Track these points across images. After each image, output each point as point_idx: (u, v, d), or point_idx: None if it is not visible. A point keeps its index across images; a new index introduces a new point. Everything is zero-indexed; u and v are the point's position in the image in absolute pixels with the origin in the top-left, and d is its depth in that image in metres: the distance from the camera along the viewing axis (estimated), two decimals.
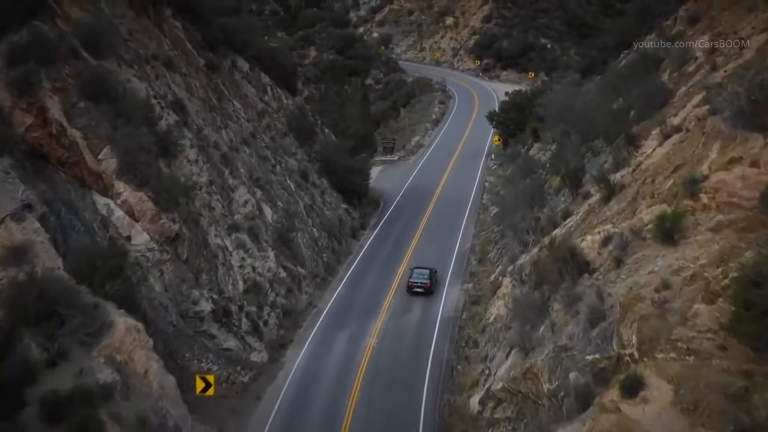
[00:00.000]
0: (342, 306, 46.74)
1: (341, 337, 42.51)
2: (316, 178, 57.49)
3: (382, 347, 41.38)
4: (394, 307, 46.68)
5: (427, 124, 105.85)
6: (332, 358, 40.10)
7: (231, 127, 49.53)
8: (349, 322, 44.41)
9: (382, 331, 43.31)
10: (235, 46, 57.05)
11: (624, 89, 50.72)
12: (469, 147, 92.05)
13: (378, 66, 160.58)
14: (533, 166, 60.52)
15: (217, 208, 41.80)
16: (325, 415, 35.20)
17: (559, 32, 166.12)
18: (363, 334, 42.79)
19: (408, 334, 43.13)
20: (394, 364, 39.51)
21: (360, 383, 37.78)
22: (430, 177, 77.63)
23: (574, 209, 42.37)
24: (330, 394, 37.02)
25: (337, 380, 38.08)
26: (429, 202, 68.41)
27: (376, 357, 40.23)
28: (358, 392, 37.01)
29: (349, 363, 39.58)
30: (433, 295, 48.38)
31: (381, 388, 37.49)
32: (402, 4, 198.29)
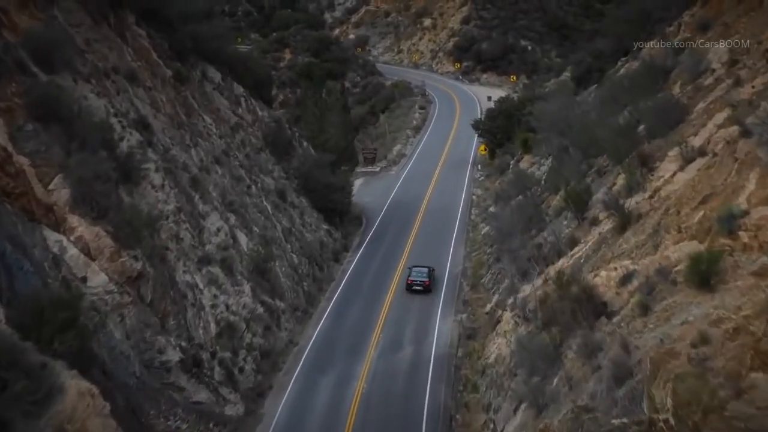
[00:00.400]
0: (326, 342, 42.50)
1: (326, 381, 38.24)
2: (295, 197, 53.25)
3: (372, 392, 37.18)
4: (383, 342, 42.49)
5: (408, 131, 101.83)
6: (316, 408, 35.82)
7: (201, 145, 45.18)
8: (334, 363, 40.15)
9: (371, 372, 39.08)
10: (205, 55, 52.69)
11: (628, 101, 46.98)
12: (453, 156, 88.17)
13: (355, 69, 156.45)
14: (527, 181, 56.68)
15: (186, 239, 37.46)
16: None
17: (540, 34, 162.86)
18: (350, 376, 38.55)
19: (400, 375, 38.96)
20: (386, 415, 35.31)
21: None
22: (414, 190, 73.64)
23: (581, 237, 38.48)
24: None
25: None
26: (414, 218, 64.38)
27: (366, 405, 36.02)
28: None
29: (335, 413, 35.34)
30: (426, 329, 44.33)
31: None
32: (378, 5, 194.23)
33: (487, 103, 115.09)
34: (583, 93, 59.63)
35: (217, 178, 44.30)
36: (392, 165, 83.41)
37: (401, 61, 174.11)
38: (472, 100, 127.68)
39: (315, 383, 37.99)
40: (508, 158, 73.48)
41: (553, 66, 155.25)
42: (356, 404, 36.10)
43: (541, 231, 45.76)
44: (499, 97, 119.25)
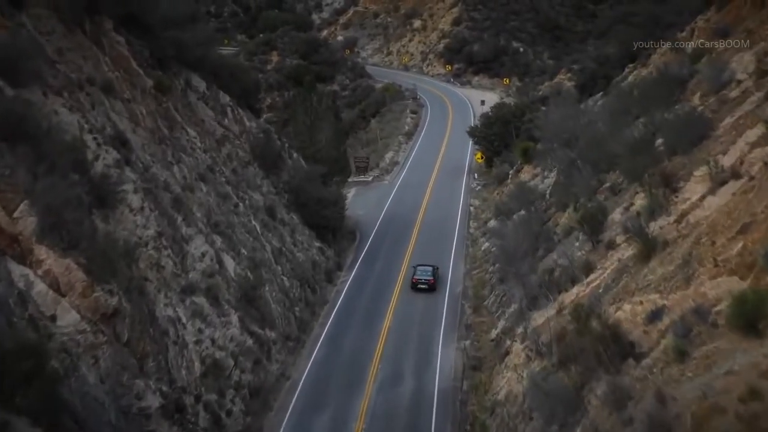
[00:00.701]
0: (320, 375, 39.27)
1: (320, 421, 35.01)
2: (285, 214, 50.06)
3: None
4: (382, 374, 39.30)
5: (401, 137, 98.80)
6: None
7: (185, 161, 41.93)
8: (330, 399, 36.94)
9: (370, 409, 35.90)
10: (189, 62, 49.41)
11: (641, 112, 44.09)
12: (447, 163, 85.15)
13: (344, 71, 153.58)
14: (530, 195, 53.73)
15: (167, 267, 34.24)
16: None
17: (532, 35, 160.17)
18: (347, 416, 35.33)
19: (402, 414, 35.78)
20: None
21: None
22: (409, 201, 70.57)
23: (597, 262, 35.50)
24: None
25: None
26: (410, 232, 61.27)
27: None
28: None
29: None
30: (428, 357, 41.20)
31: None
32: (367, 5, 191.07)
33: (481, 108, 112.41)
34: (588, 101, 56.76)
35: (202, 196, 41.07)
36: (385, 173, 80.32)
37: (391, 63, 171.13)
38: (464, 103, 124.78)
39: (309, 424, 34.82)
40: (507, 168, 70.52)
41: (546, 68, 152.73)
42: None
43: (550, 252, 42.80)
44: (495, 103, 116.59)
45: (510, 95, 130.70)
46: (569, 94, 65.39)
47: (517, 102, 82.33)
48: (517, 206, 54.60)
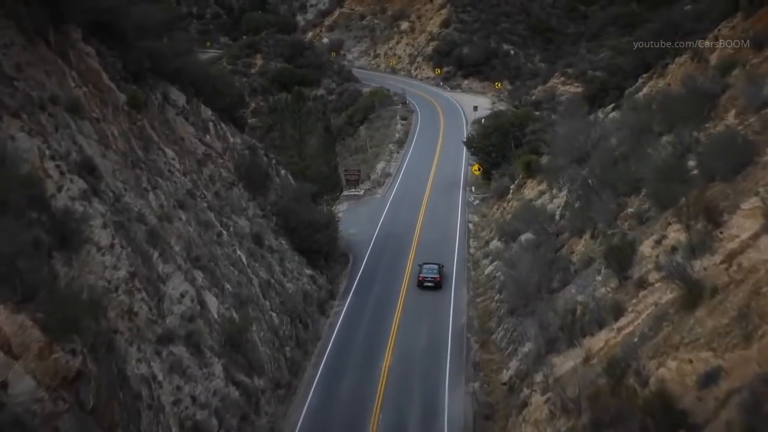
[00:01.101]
0: (313, 428, 35.12)
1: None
2: (273, 239, 45.80)
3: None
4: (384, 426, 35.18)
5: (391, 146, 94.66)
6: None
7: (162, 186, 37.62)
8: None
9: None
10: (166, 74, 45.10)
11: (664, 129, 40.18)
12: (442, 174, 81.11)
13: (330, 75, 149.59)
14: (538, 215, 49.74)
15: (141, 314, 29.96)
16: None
17: (523, 38, 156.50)
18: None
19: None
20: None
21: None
22: (403, 217, 66.48)
23: (627, 302, 31.49)
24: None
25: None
26: (407, 254, 57.19)
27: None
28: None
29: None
30: (434, 404, 37.05)
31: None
32: (353, 7, 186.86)
33: (473, 113, 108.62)
34: (598, 113, 52.93)
35: (181, 226, 36.77)
36: (377, 186, 76.18)
37: (378, 66, 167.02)
38: (455, 109, 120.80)
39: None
40: (507, 181, 66.52)
41: (537, 71, 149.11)
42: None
43: (566, 284, 38.79)
44: (490, 111, 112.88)
45: (502, 100, 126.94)
46: (576, 104, 61.20)
47: (517, 111, 78.18)
48: (523, 227, 50.64)
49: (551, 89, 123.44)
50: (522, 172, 61.06)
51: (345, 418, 35.69)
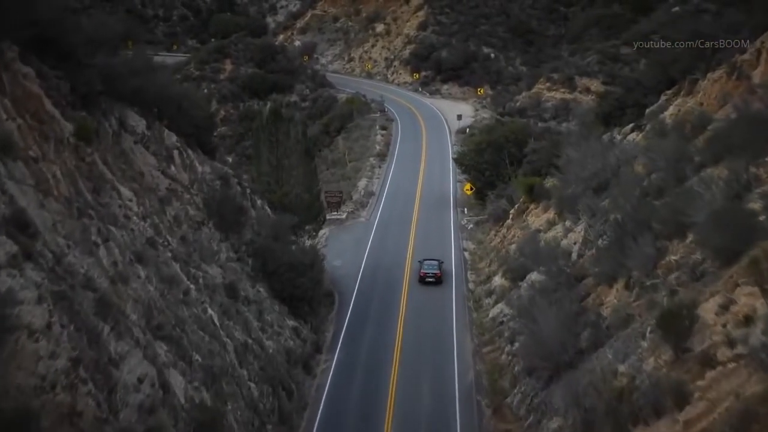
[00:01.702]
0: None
1: None
2: (250, 287, 39.37)
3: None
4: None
5: (372, 159, 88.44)
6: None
7: (116, 237, 31.06)
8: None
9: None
10: (123, 96, 38.50)
11: (709, 161, 34.37)
12: (429, 192, 75.08)
13: (303, 80, 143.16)
14: (550, 251, 43.76)
15: (87, 414, 23.46)
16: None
17: (503, 40, 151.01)
18: None
19: None
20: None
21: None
22: (391, 244, 60.38)
23: (691, 385, 25.56)
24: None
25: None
26: (399, 290, 51.09)
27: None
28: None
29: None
30: None
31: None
32: (326, 8, 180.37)
33: (457, 123, 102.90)
34: (614, 134, 47.18)
35: (140, 287, 30.24)
36: (360, 208, 69.96)
37: (353, 70, 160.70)
38: (436, 117, 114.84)
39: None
40: (505, 204, 60.57)
41: (519, 75, 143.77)
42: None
43: (599, 346, 32.80)
44: (475, 119, 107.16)
45: (485, 106, 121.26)
46: (586, 120, 54.88)
47: (511, 124, 71.90)
48: (532, 263, 44.69)
49: (536, 95, 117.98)
50: (524, 195, 55.13)
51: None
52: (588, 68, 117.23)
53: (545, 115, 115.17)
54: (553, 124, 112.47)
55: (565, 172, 46.44)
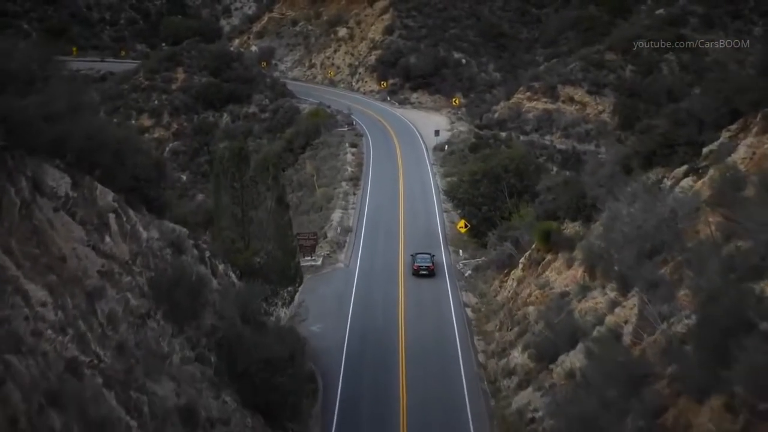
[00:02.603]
0: None
1: None
2: (213, 400, 29.65)
3: None
4: None
5: (345, 184, 78.87)
6: None
7: (17, 370, 21.28)
8: None
9: None
10: (39, 148, 28.52)
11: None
12: (413, 225, 65.66)
13: (262, 90, 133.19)
14: (589, 327, 34.79)
15: None
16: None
17: (474, 45, 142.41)
18: None
19: None
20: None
21: None
22: (378, 299, 50.98)
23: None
24: None
25: None
26: (395, 368, 41.60)
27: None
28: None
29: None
30: None
31: None
32: (284, 11, 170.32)
33: (435, 138, 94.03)
34: (660, 177, 38.34)
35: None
36: (337, 249, 60.27)
37: (314, 78, 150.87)
38: (409, 131, 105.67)
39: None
40: (510, 248, 51.50)
41: (492, 81, 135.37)
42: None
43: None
44: (452, 132, 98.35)
45: (461, 118, 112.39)
46: (618, 154, 45.39)
47: (510, 151, 62.31)
48: (564, 343, 35.78)
49: (516, 105, 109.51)
50: (538, 242, 46.06)
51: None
52: (571, 76, 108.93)
53: (526, 127, 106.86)
54: (536, 137, 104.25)
55: (602, 225, 37.50)
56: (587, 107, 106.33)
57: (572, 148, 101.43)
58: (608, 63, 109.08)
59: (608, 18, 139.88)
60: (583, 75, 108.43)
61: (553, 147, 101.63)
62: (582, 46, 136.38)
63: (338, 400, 38.72)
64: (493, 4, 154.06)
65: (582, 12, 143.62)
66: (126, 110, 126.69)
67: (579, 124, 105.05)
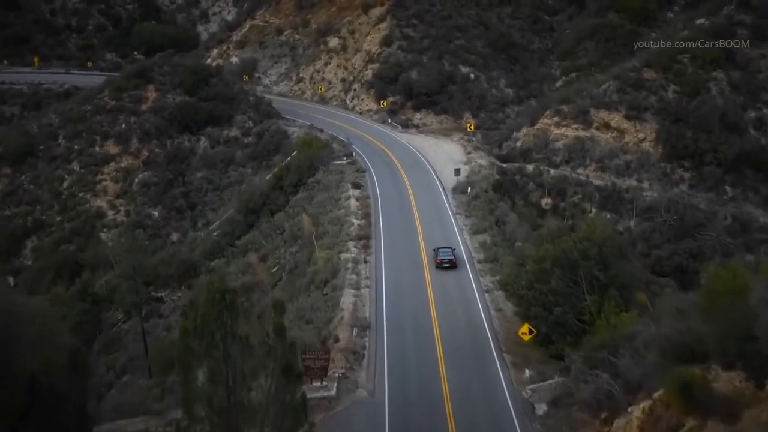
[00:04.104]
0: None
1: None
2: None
3: None
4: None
5: (352, 246, 62.98)
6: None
7: None
8: None
9: None
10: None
11: None
12: (452, 324, 48.47)
13: (245, 109, 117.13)
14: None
15: None
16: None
17: (483, 57, 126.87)
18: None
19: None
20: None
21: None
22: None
23: None
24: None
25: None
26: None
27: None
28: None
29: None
30: None
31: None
32: (267, 18, 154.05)
33: (454, 177, 78.79)
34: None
35: None
36: (355, 363, 43.98)
37: (302, 93, 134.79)
38: (419, 164, 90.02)
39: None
40: (608, 382, 35.88)
41: (505, 99, 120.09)
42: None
43: None
44: (471, 167, 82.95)
45: (478, 147, 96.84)
46: None
47: (590, 231, 46.20)
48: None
49: (542, 133, 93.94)
50: (671, 397, 30.70)
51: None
52: (605, 97, 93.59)
53: (555, 159, 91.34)
54: (568, 171, 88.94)
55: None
56: (625, 135, 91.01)
57: (612, 184, 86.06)
58: (647, 83, 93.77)
59: (631, 26, 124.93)
60: (619, 97, 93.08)
61: (589, 183, 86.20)
62: (603, 58, 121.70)
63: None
64: (501, 11, 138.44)
65: (600, 20, 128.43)
66: (89, 136, 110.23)
67: (617, 155, 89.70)
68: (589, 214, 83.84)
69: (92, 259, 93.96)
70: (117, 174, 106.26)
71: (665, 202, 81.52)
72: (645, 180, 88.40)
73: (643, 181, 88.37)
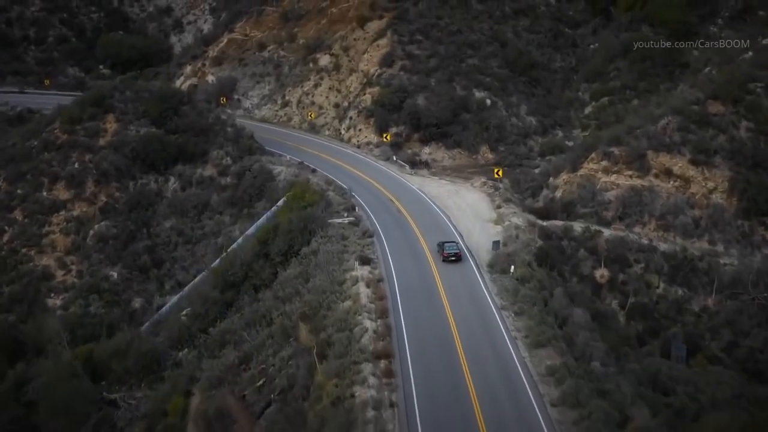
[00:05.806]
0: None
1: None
2: None
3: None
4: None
5: (368, 372, 45.05)
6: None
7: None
8: None
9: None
10: None
11: None
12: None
13: (221, 143, 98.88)
14: None
15: None
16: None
17: (500, 79, 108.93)
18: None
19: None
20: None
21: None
22: None
23: None
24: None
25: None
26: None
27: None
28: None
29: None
30: None
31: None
32: (248, 31, 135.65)
33: (492, 250, 61.09)
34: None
35: None
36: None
37: (289, 120, 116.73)
38: (439, 224, 72.42)
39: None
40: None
41: (527, 129, 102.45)
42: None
43: None
44: (506, 231, 65.61)
45: (510, 198, 79.06)
46: None
47: None
48: None
49: (587, 180, 76.48)
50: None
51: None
52: (664, 137, 76.24)
53: (606, 214, 74.00)
54: (623, 229, 71.45)
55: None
56: (691, 184, 73.82)
57: (681, 249, 68.78)
58: (715, 119, 76.56)
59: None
60: (681, 137, 75.78)
61: (653, 248, 68.83)
62: (638, 80, 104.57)
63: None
64: (517, 24, 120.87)
65: (634, 34, 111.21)
66: (35, 178, 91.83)
67: (682, 210, 72.58)
68: (657, 289, 66.67)
69: (35, 336, 75.91)
70: (68, 225, 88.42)
71: (753, 274, 64.60)
72: (719, 242, 71.30)
73: (716, 243, 71.22)
